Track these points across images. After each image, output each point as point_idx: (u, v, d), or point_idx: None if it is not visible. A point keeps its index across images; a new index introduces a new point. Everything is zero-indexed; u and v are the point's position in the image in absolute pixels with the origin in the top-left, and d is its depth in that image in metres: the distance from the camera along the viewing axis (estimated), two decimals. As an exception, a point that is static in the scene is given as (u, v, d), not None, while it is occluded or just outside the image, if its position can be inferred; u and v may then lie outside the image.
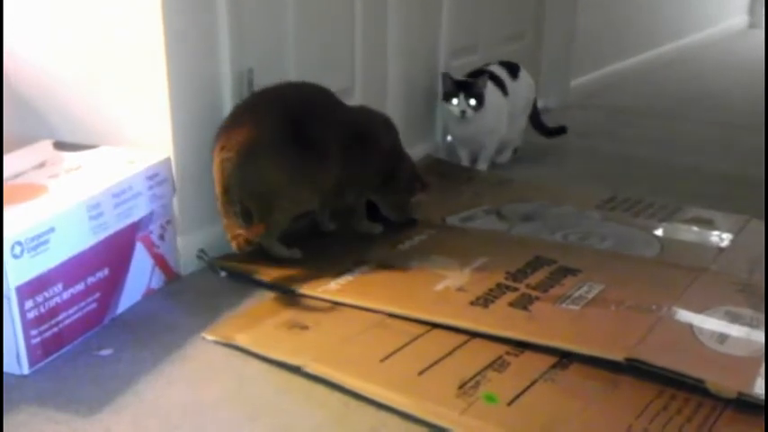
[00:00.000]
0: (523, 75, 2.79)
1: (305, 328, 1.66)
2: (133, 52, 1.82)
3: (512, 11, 3.20)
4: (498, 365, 1.52)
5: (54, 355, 1.56)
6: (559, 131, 2.94)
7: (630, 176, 2.71)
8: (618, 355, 1.50)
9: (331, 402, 1.45)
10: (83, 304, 1.62)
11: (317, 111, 1.92)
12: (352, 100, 2.25)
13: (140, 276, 1.78)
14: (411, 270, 1.91)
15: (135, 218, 1.74)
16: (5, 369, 1.51)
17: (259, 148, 1.81)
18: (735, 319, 1.67)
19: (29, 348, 1.51)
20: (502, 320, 1.66)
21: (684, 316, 1.68)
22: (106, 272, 1.68)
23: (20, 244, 1.47)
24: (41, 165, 1.78)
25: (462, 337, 1.61)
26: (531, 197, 2.42)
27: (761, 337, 1.60)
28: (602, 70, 3.93)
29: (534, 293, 1.77)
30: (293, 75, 2.09)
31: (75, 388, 1.48)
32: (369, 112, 2.12)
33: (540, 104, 3.02)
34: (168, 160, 1.83)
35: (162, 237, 1.84)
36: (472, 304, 1.73)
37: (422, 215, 2.19)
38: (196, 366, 1.56)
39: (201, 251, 1.93)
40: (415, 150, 2.46)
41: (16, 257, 1.46)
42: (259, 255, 1.86)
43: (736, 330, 1.62)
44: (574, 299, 1.75)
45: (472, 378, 1.47)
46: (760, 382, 1.44)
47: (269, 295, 1.81)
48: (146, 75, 1.82)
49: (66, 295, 1.58)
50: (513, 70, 2.75)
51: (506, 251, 2.00)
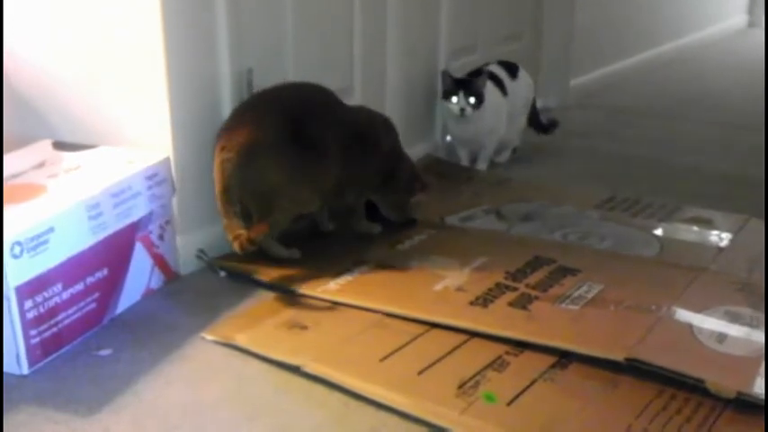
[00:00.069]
0: (522, 74, 2.79)
1: (304, 328, 1.66)
2: (133, 52, 1.82)
3: (511, 11, 3.20)
4: (498, 365, 1.52)
5: (53, 355, 1.56)
6: (552, 126, 2.93)
7: (630, 176, 2.71)
8: (617, 355, 1.50)
9: (331, 402, 1.45)
10: (82, 304, 1.62)
11: (317, 111, 1.92)
12: (352, 100, 2.25)
13: (140, 276, 1.78)
14: (410, 270, 1.91)
15: (134, 218, 1.74)
16: (5, 369, 1.51)
17: (259, 148, 1.81)
18: (734, 318, 1.67)
19: (28, 348, 1.51)
20: (501, 320, 1.66)
21: (684, 316, 1.68)
22: (105, 272, 1.68)
23: (19, 244, 1.47)
24: (41, 165, 1.78)
25: (462, 337, 1.61)
26: (531, 197, 2.42)
27: (760, 337, 1.60)
28: (601, 70, 3.93)
29: (534, 293, 1.77)
30: (292, 74, 2.09)
31: (75, 388, 1.48)
32: (369, 112, 2.12)
33: (540, 104, 3.01)
34: (167, 160, 1.83)
35: (161, 237, 1.84)
36: (471, 304, 1.73)
37: (421, 215, 2.19)
38: (195, 366, 1.56)
39: (201, 251, 1.93)
40: (415, 150, 2.46)
41: (16, 257, 1.46)
42: (258, 255, 1.86)
43: (735, 330, 1.62)
44: (573, 299, 1.75)
45: (472, 378, 1.47)
46: (759, 381, 1.44)
47: (268, 295, 1.81)
48: (145, 75, 1.82)
49: (66, 295, 1.58)
50: (512, 70, 2.75)
51: (506, 251, 2.00)
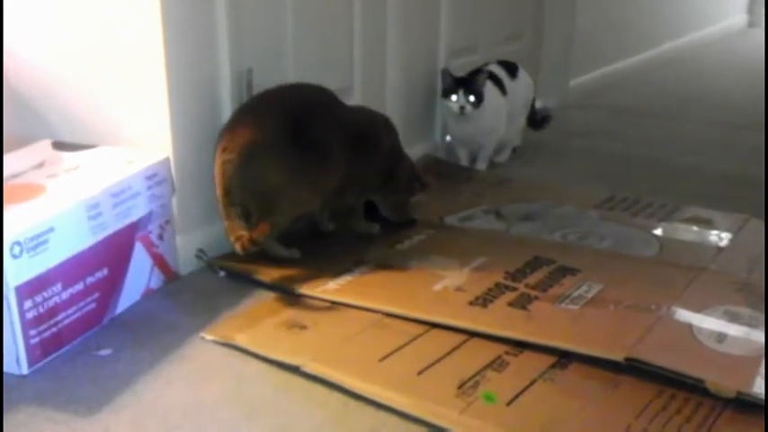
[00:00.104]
0: (522, 74, 2.79)
1: (304, 327, 1.66)
2: (133, 52, 1.82)
3: (511, 11, 3.20)
4: (497, 365, 1.52)
5: (53, 355, 1.56)
6: (545, 120, 2.91)
7: (630, 176, 2.71)
8: (617, 355, 1.50)
9: (330, 402, 1.45)
10: (82, 304, 1.62)
11: (317, 111, 1.92)
12: (352, 100, 2.26)
13: (139, 276, 1.78)
14: (410, 270, 1.91)
15: (134, 218, 1.74)
16: (5, 369, 1.51)
17: (260, 148, 1.81)
18: (734, 318, 1.67)
19: (28, 348, 1.51)
20: (501, 320, 1.66)
21: (683, 315, 1.68)
22: (105, 272, 1.68)
23: (19, 244, 1.47)
24: (40, 165, 1.78)
25: (461, 337, 1.61)
26: (530, 197, 2.42)
27: (760, 337, 1.60)
28: (601, 70, 3.93)
29: (533, 293, 1.77)
30: (292, 75, 2.09)
31: (75, 388, 1.48)
32: (369, 112, 2.12)
33: (540, 104, 3.01)
34: (167, 160, 1.83)
35: (161, 237, 1.84)
36: (471, 304, 1.73)
37: (421, 215, 2.19)
38: (195, 366, 1.56)
39: (200, 251, 1.93)
40: (415, 150, 2.46)
41: (15, 257, 1.46)
42: (258, 255, 1.86)
43: (735, 330, 1.62)
44: (573, 298, 1.75)
45: (471, 378, 1.47)
46: (759, 381, 1.43)
47: (268, 295, 1.81)
48: (145, 75, 1.82)
49: (66, 295, 1.58)
50: (511, 70, 2.75)
51: (505, 251, 2.00)
